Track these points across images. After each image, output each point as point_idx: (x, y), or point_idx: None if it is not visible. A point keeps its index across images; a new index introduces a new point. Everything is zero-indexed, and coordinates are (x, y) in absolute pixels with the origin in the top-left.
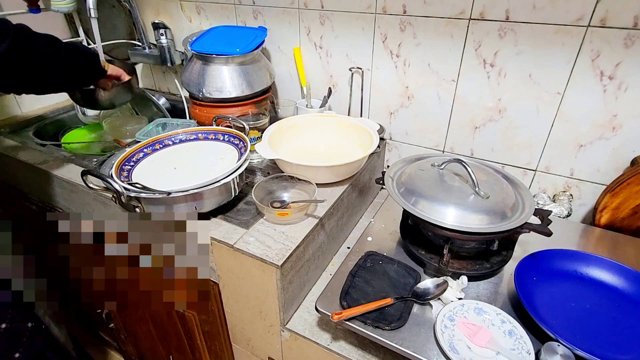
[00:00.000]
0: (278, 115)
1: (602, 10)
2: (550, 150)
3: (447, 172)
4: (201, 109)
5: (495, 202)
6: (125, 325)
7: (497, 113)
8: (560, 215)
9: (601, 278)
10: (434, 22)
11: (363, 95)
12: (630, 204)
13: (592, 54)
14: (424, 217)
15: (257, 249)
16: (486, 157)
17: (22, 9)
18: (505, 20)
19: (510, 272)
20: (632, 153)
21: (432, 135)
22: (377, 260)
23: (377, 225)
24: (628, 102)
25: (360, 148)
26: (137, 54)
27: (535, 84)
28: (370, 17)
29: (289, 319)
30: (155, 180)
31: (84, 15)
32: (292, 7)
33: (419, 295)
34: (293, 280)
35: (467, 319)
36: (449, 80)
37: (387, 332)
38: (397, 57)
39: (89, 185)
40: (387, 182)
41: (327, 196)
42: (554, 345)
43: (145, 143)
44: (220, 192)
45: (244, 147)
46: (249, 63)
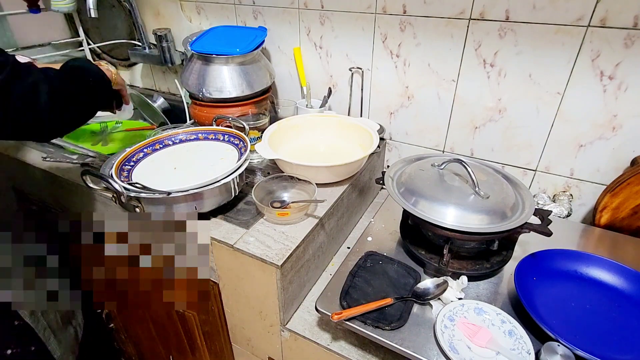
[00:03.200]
0: (278, 115)
1: (602, 10)
2: (550, 150)
3: (447, 172)
4: (201, 109)
5: (495, 202)
6: (125, 325)
7: (497, 113)
8: (560, 215)
9: (601, 278)
10: (434, 22)
11: (363, 95)
12: (630, 204)
13: (592, 54)
14: (424, 217)
15: (257, 249)
16: (486, 157)
17: (22, 9)
18: (505, 20)
19: (510, 272)
20: (632, 153)
21: (432, 135)
22: (377, 260)
23: (377, 225)
24: (628, 102)
25: (360, 148)
26: (137, 54)
27: (535, 84)
28: (370, 17)
29: (289, 319)
30: (155, 180)
31: (84, 15)
32: (292, 7)
33: (419, 295)
34: (293, 280)
35: (467, 319)
36: (449, 80)
37: (387, 332)
38: (397, 57)
39: (89, 185)
40: (387, 182)
41: (327, 196)
42: (554, 345)
43: (145, 143)
44: (220, 192)
45: (244, 147)
46: (249, 63)
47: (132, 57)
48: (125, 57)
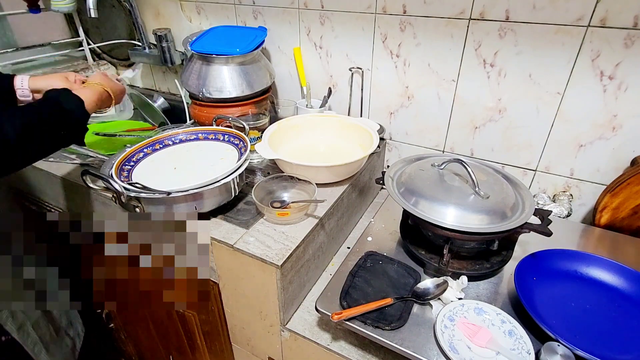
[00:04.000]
0: (278, 115)
1: (602, 10)
2: (550, 150)
3: (447, 172)
4: (201, 109)
5: (495, 202)
6: (125, 325)
7: (497, 113)
8: (560, 215)
9: (601, 278)
10: (434, 22)
11: (363, 95)
12: (630, 204)
13: (592, 54)
14: (424, 217)
15: (257, 249)
16: (486, 157)
17: (22, 9)
18: (505, 20)
19: (510, 272)
20: (632, 153)
21: (432, 135)
22: (377, 260)
23: (377, 225)
24: (628, 102)
25: (360, 148)
26: (137, 54)
27: (535, 84)
28: (370, 17)
29: (289, 319)
30: (155, 180)
31: (84, 15)
32: (292, 7)
33: (419, 295)
34: (293, 280)
35: (467, 319)
36: (449, 80)
37: (387, 332)
38: (397, 57)
39: (89, 185)
40: (387, 182)
41: (327, 196)
42: (554, 345)
43: (145, 143)
44: (220, 192)
45: (244, 147)
46: (249, 63)
47: (132, 57)
48: (125, 57)
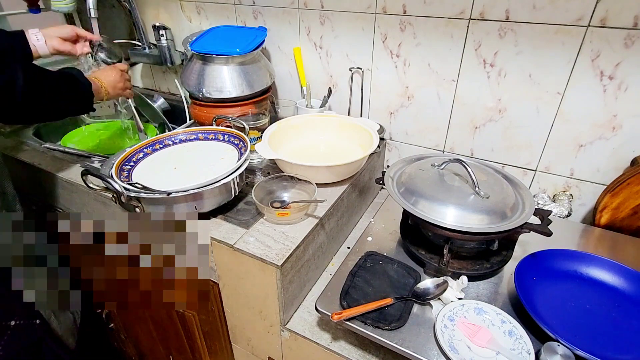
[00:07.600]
0: (278, 115)
1: (602, 10)
2: (550, 150)
3: (447, 172)
4: (201, 109)
5: (495, 202)
6: (125, 325)
7: (497, 113)
8: (560, 215)
9: (601, 278)
10: (434, 22)
11: (363, 95)
12: (630, 204)
13: (592, 54)
14: (424, 217)
15: (257, 249)
16: (486, 157)
17: (22, 9)
18: (505, 20)
19: (510, 272)
20: (632, 153)
21: (432, 135)
22: (377, 260)
23: (377, 225)
24: (628, 102)
25: (360, 148)
26: (137, 54)
27: (535, 84)
28: (370, 17)
29: (289, 319)
30: (155, 180)
31: (84, 15)
32: (292, 7)
33: (419, 295)
34: (293, 280)
35: (467, 319)
36: (449, 80)
37: (387, 332)
38: (397, 57)
39: (89, 185)
40: (387, 182)
41: (327, 196)
42: (554, 345)
43: (145, 143)
44: (220, 192)
45: (244, 147)
46: (249, 63)
47: (132, 57)
48: (126, 57)
